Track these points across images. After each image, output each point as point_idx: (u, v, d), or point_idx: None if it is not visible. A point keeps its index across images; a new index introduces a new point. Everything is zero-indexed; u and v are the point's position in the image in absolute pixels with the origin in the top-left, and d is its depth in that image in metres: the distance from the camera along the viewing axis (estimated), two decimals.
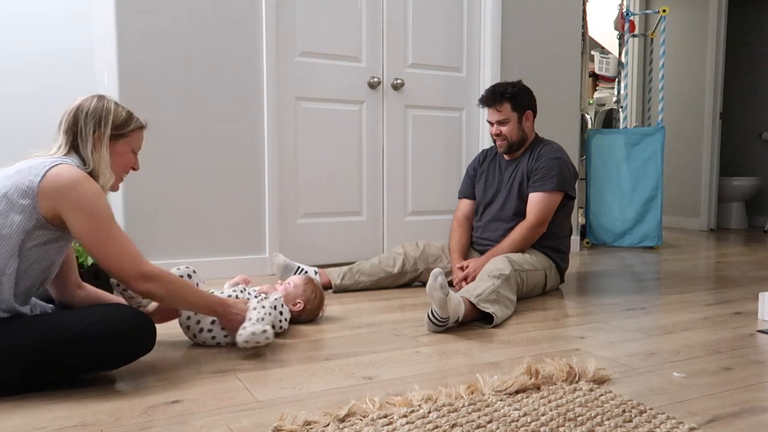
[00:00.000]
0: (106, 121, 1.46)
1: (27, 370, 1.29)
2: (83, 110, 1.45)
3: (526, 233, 2.37)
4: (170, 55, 2.67)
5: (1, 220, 1.29)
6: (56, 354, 1.29)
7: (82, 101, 1.47)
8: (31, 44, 2.76)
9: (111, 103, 1.49)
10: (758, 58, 5.45)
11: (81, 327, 1.31)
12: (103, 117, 1.46)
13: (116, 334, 1.34)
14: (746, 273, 3.02)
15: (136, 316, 1.39)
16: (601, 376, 1.42)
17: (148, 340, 1.41)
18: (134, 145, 1.54)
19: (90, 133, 1.44)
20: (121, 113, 1.49)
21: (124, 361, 1.39)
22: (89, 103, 1.46)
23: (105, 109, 1.46)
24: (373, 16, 3.15)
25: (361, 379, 1.43)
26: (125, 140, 1.51)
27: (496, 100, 2.45)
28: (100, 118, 1.45)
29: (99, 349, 1.32)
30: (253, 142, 2.86)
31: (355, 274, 2.51)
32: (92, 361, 1.34)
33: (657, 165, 3.96)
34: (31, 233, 1.32)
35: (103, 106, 1.47)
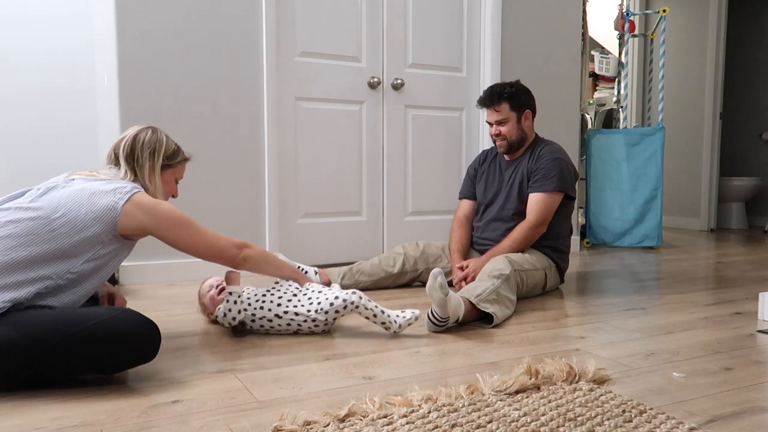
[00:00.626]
0: (159, 152, 1.63)
1: (29, 362, 1.29)
2: (140, 140, 1.61)
3: (526, 233, 2.37)
4: (170, 55, 2.67)
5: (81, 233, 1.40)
6: (58, 349, 1.29)
7: (138, 132, 1.63)
8: (31, 44, 2.76)
9: (163, 135, 1.66)
10: (758, 58, 5.45)
11: (86, 326, 1.31)
12: (157, 148, 1.62)
13: (120, 338, 1.34)
14: (746, 273, 3.02)
15: (143, 322, 1.39)
16: (601, 376, 1.42)
17: (151, 348, 1.40)
18: (178, 175, 1.72)
19: (146, 162, 1.60)
20: (171, 145, 1.67)
21: (124, 366, 1.38)
22: (145, 135, 1.62)
23: (158, 141, 1.63)
24: (373, 16, 3.15)
25: (361, 379, 1.43)
26: (172, 170, 1.69)
27: (495, 100, 2.45)
28: (154, 149, 1.62)
29: (100, 351, 1.32)
30: (253, 142, 2.86)
31: (355, 274, 2.51)
32: (92, 361, 1.33)
33: (657, 165, 3.96)
34: (104, 245, 1.45)
35: (157, 138, 1.64)
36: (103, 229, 1.43)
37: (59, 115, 2.82)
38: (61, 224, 1.39)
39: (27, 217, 1.38)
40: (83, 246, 1.41)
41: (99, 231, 1.42)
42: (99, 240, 1.43)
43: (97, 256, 1.44)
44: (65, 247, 1.39)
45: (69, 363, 1.32)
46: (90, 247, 1.42)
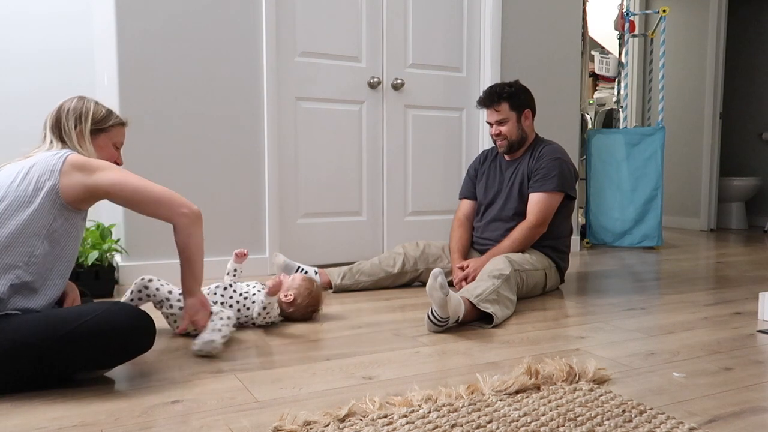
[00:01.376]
0: (86, 116, 1.57)
1: (25, 367, 1.29)
2: (65, 109, 1.56)
3: (526, 233, 2.37)
4: (170, 54, 2.67)
5: (27, 208, 1.38)
6: (55, 350, 1.29)
7: (63, 102, 1.58)
8: (31, 44, 2.76)
9: (90, 102, 1.60)
10: (758, 58, 5.45)
11: (80, 323, 1.31)
12: (83, 113, 1.57)
13: (116, 331, 1.34)
14: (746, 273, 3.02)
15: (136, 314, 1.39)
16: (601, 376, 1.42)
17: (147, 338, 1.41)
18: (115, 140, 1.64)
19: (72, 129, 1.55)
20: (100, 110, 1.60)
21: (123, 359, 1.38)
22: (70, 103, 1.57)
23: (84, 107, 1.58)
24: (373, 16, 3.15)
25: (361, 379, 1.43)
26: (106, 135, 1.61)
27: (494, 100, 2.45)
28: (80, 114, 1.56)
29: (98, 346, 1.32)
30: (253, 142, 2.86)
31: (355, 274, 2.51)
32: (91, 357, 1.33)
33: (657, 165, 3.96)
34: (55, 216, 1.41)
35: (83, 104, 1.58)
36: (46, 197, 1.39)
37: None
38: (6, 206, 1.37)
39: None
40: (35, 223, 1.38)
41: (43, 201, 1.39)
42: (48, 212, 1.40)
43: (52, 230, 1.41)
44: (18, 229, 1.36)
45: (67, 363, 1.32)
46: (42, 222, 1.39)
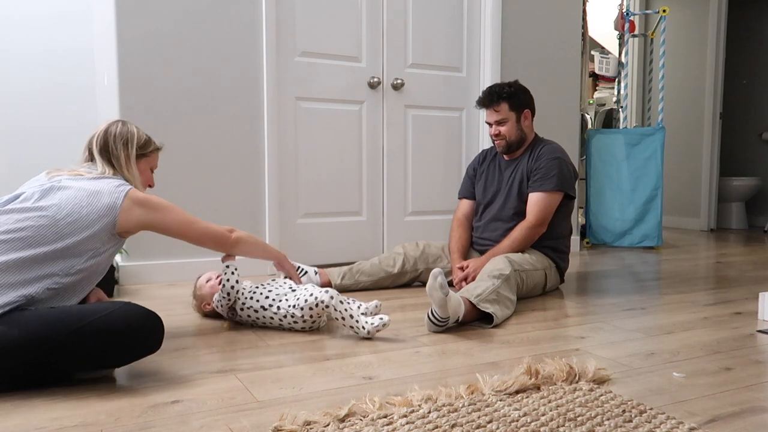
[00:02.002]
0: (131, 142, 1.67)
1: (35, 360, 1.30)
2: (111, 133, 1.64)
3: (525, 233, 2.37)
4: (170, 55, 2.67)
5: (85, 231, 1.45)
6: (65, 344, 1.30)
7: (108, 126, 1.67)
8: (31, 44, 2.76)
9: (134, 127, 1.70)
10: (758, 58, 5.45)
11: (92, 319, 1.33)
12: (129, 139, 1.66)
13: (126, 330, 1.36)
14: (746, 273, 3.02)
15: (147, 314, 1.41)
16: (601, 376, 1.42)
17: (156, 338, 1.42)
18: (152, 164, 1.77)
19: (120, 153, 1.64)
20: (143, 136, 1.71)
21: (131, 358, 1.39)
22: (115, 128, 1.66)
23: (129, 132, 1.67)
24: (373, 16, 3.15)
25: (361, 379, 1.43)
26: (146, 159, 1.73)
27: (494, 100, 2.45)
28: (126, 140, 1.66)
29: (108, 343, 1.33)
30: (253, 142, 2.86)
31: (355, 274, 2.51)
32: (100, 355, 1.34)
33: (657, 165, 3.96)
34: (104, 242, 1.50)
35: (128, 129, 1.68)
36: (104, 226, 1.48)
37: (59, 115, 2.82)
38: (67, 224, 1.43)
39: (34, 219, 1.41)
40: (86, 244, 1.46)
41: (100, 229, 1.47)
42: (99, 237, 1.48)
43: (97, 253, 1.49)
44: (70, 246, 1.43)
45: (74, 359, 1.33)
46: (91, 244, 1.47)
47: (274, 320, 1.85)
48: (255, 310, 1.86)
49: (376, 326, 1.74)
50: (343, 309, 1.76)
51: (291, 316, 1.81)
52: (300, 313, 1.79)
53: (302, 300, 1.79)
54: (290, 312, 1.81)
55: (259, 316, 1.87)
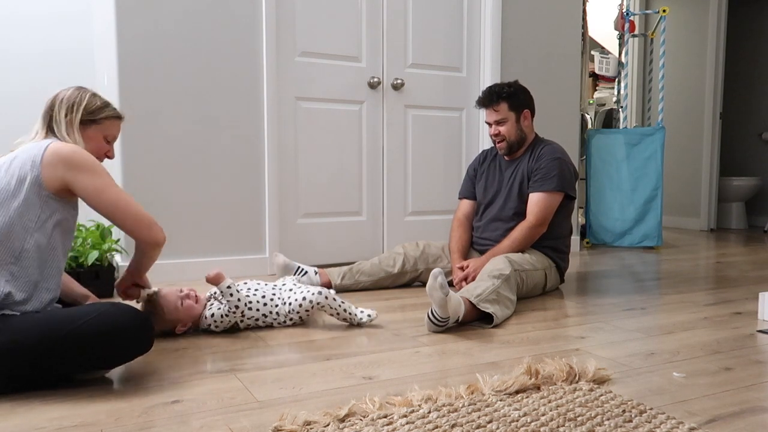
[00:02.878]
0: (78, 106, 1.54)
1: (25, 366, 1.29)
2: (59, 97, 1.54)
3: (526, 233, 2.37)
4: (170, 55, 2.67)
5: (12, 202, 1.37)
6: (54, 350, 1.29)
7: (61, 90, 1.56)
8: (31, 44, 2.76)
9: (87, 93, 1.57)
10: (758, 59, 5.45)
11: (80, 323, 1.31)
12: (76, 102, 1.54)
13: (114, 332, 1.33)
14: (746, 273, 3.02)
15: (135, 315, 1.39)
16: (601, 376, 1.42)
17: (145, 339, 1.40)
18: (107, 132, 1.60)
19: (63, 117, 1.52)
20: (94, 101, 1.57)
21: (122, 360, 1.38)
22: (66, 92, 1.55)
23: (79, 97, 1.55)
24: (373, 16, 3.14)
25: (361, 379, 1.43)
26: (97, 126, 1.57)
27: (493, 100, 2.45)
28: (72, 104, 1.53)
29: (97, 347, 1.32)
30: (253, 142, 2.86)
31: (355, 274, 2.51)
32: (89, 358, 1.33)
33: (657, 165, 3.96)
34: (42, 207, 1.39)
35: (78, 94, 1.55)
36: (32, 191, 1.38)
37: None
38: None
39: None
40: (23, 217, 1.37)
41: (29, 195, 1.38)
42: (34, 204, 1.39)
43: (41, 222, 1.40)
44: (4, 225, 1.35)
45: (64, 363, 1.32)
46: (29, 216, 1.38)
47: (272, 323, 1.91)
48: (256, 319, 1.87)
49: (370, 318, 1.92)
50: (337, 305, 1.89)
51: (290, 318, 1.91)
52: (296, 315, 1.90)
53: (296, 304, 1.87)
54: (289, 316, 1.90)
55: (259, 323, 1.89)
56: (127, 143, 2.61)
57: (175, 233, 2.71)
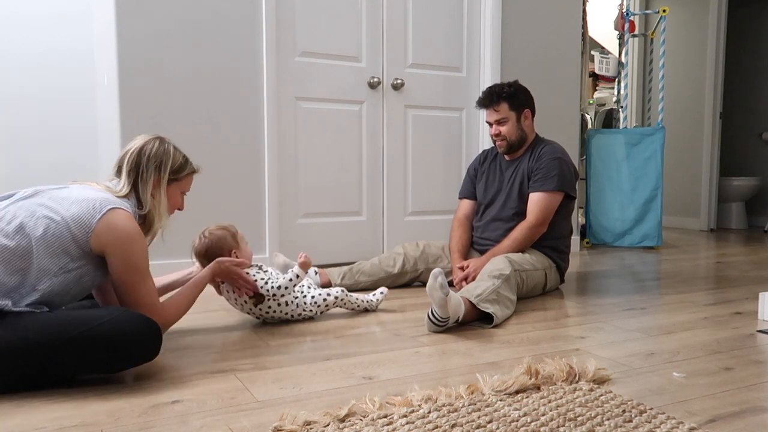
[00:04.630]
0: (165, 165, 1.55)
1: (33, 366, 1.30)
2: (145, 153, 1.54)
3: (526, 233, 2.37)
4: (170, 55, 2.67)
5: (53, 239, 1.36)
6: (63, 351, 1.29)
7: (145, 143, 1.55)
8: (31, 44, 2.76)
9: (171, 147, 1.59)
10: (758, 58, 5.45)
11: (90, 327, 1.32)
12: (164, 162, 1.55)
13: (125, 337, 1.34)
14: (746, 273, 3.02)
15: (145, 321, 1.40)
16: (601, 376, 1.42)
17: (155, 346, 1.41)
18: (184, 188, 1.65)
19: (150, 177, 1.53)
20: (178, 159, 1.60)
21: (129, 365, 1.39)
22: (151, 147, 1.55)
23: (165, 153, 1.56)
24: (373, 16, 3.15)
25: (361, 379, 1.43)
26: (177, 184, 1.62)
27: (494, 100, 2.45)
28: (160, 164, 1.55)
29: (106, 351, 1.33)
30: (253, 142, 2.86)
31: (355, 274, 2.51)
32: (98, 361, 1.34)
33: (657, 165, 3.96)
34: (75, 257, 1.39)
35: (164, 150, 1.56)
36: (74, 241, 1.38)
37: (59, 115, 2.82)
38: (34, 228, 1.35)
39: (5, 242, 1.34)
40: (53, 255, 1.36)
41: (69, 243, 1.37)
42: (68, 251, 1.38)
43: (66, 269, 1.39)
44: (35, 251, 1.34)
45: (72, 365, 1.32)
46: (59, 258, 1.37)
47: (291, 315, 1.96)
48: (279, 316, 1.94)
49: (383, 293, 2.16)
50: (354, 299, 2.09)
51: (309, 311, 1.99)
52: (317, 309, 2.00)
53: (320, 299, 2.00)
54: (308, 308, 1.98)
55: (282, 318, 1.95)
56: (127, 143, 2.61)
57: (174, 233, 2.71)
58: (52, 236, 1.36)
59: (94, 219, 1.39)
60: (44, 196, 1.42)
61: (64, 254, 1.37)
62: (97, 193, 1.44)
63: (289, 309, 1.93)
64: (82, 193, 1.43)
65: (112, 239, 1.40)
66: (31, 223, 1.35)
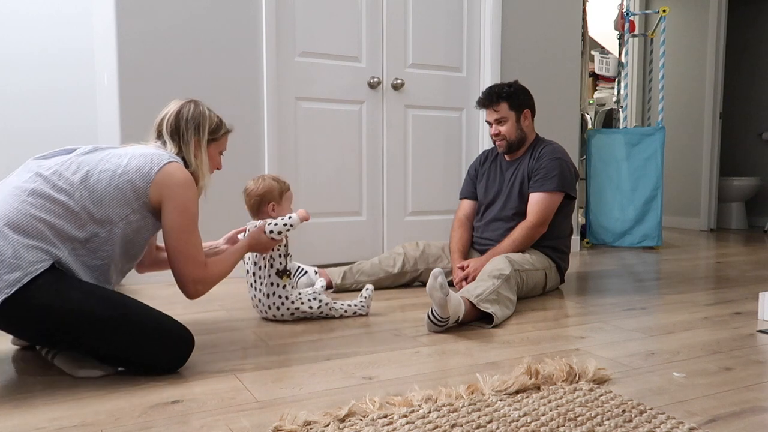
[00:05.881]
0: (203, 126, 1.62)
1: (68, 333, 1.33)
2: (183, 116, 1.59)
3: (526, 233, 2.37)
4: (170, 55, 2.67)
5: (116, 191, 1.43)
6: (109, 324, 1.34)
7: (181, 107, 1.61)
8: (31, 44, 2.76)
9: (206, 109, 1.64)
10: (758, 58, 5.45)
11: (143, 312, 1.40)
12: (201, 123, 1.61)
13: (173, 335, 1.43)
14: (746, 273, 3.02)
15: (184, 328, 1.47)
16: (601, 376, 1.42)
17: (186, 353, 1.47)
18: (222, 147, 1.71)
19: (191, 138, 1.60)
20: (214, 119, 1.66)
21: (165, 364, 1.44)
22: (188, 109, 1.61)
23: (202, 115, 1.62)
24: (373, 16, 3.15)
25: (361, 379, 1.43)
26: (216, 144, 1.68)
27: (494, 100, 2.45)
28: (198, 124, 1.61)
29: (142, 341, 1.38)
30: (253, 142, 2.86)
31: (355, 274, 2.51)
32: (129, 348, 1.38)
33: (657, 165, 3.96)
34: (136, 209, 1.46)
35: (200, 111, 1.62)
36: (135, 192, 1.45)
37: (59, 115, 2.82)
38: (98, 180, 1.42)
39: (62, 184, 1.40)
40: (115, 205, 1.43)
41: (130, 193, 1.44)
42: (129, 203, 1.45)
43: (127, 221, 1.45)
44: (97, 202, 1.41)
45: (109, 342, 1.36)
46: (121, 208, 1.44)
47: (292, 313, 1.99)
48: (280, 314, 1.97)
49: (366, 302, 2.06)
50: (338, 307, 2.03)
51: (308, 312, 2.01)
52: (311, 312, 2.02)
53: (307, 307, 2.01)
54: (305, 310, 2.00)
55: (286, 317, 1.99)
56: (127, 143, 2.61)
57: None
58: (115, 188, 1.43)
59: (153, 171, 1.46)
60: (104, 152, 1.49)
61: (126, 205, 1.44)
62: (155, 150, 1.53)
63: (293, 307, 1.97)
64: (140, 150, 1.51)
65: (171, 185, 1.48)
66: (95, 174, 1.42)
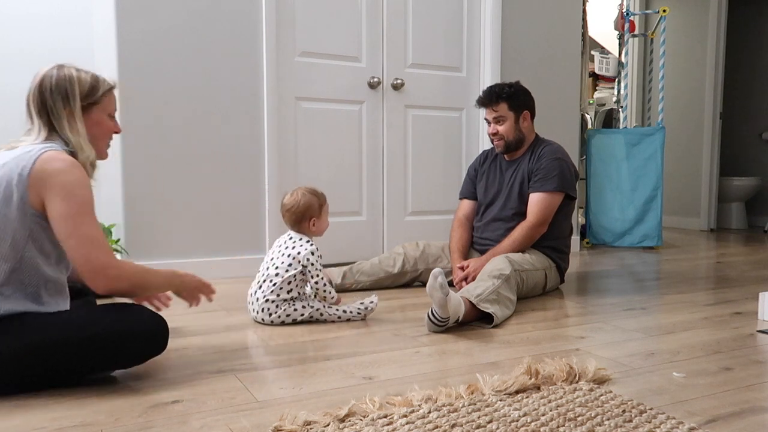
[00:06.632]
0: (72, 93, 1.37)
1: (37, 367, 1.29)
2: (46, 88, 1.36)
3: (526, 233, 2.37)
4: (170, 55, 2.67)
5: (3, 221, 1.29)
6: (72, 352, 1.30)
7: (43, 77, 1.37)
8: (31, 44, 2.76)
9: (72, 71, 1.39)
10: (758, 58, 5.45)
11: (100, 325, 1.32)
12: (69, 90, 1.37)
13: (132, 334, 1.36)
14: (746, 273, 3.02)
15: (155, 318, 1.41)
16: (601, 376, 1.42)
17: (163, 342, 1.43)
18: (109, 109, 1.46)
19: (61, 110, 1.37)
20: (85, 80, 1.40)
21: (137, 361, 1.40)
22: (50, 78, 1.37)
23: (68, 80, 1.37)
24: (373, 16, 3.14)
25: (361, 379, 1.43)
26: (98, 107, 1.43)
27: (493, 100, 2.45)
28: (65, 92, 1.36)
29: (115, 348, 1.34)
30: (253, 142, 2.86)
31: (355, 274, 2.51)
32: (107, 359, 1.34)
33: (657, 165, 3.96)
34: (32, 226, 1.30)
35: (65, 76, 1.37)
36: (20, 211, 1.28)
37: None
38: None
39: None
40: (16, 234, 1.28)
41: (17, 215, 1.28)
42: (22, 225, 1.29)
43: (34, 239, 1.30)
44: None
45: (81, 365, 1.32)
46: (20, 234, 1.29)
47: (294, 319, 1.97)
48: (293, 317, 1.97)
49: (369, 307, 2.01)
50: (331, 312, 1.98)
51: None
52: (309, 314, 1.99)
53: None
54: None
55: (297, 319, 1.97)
56: (127, 144, 2.61)
57: (175, 233, 2.71)
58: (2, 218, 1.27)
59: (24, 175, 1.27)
60: None
61: (21, 228, 1.28)
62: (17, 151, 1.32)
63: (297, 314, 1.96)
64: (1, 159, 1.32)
65: (47, 175, 1.28)
66: None
